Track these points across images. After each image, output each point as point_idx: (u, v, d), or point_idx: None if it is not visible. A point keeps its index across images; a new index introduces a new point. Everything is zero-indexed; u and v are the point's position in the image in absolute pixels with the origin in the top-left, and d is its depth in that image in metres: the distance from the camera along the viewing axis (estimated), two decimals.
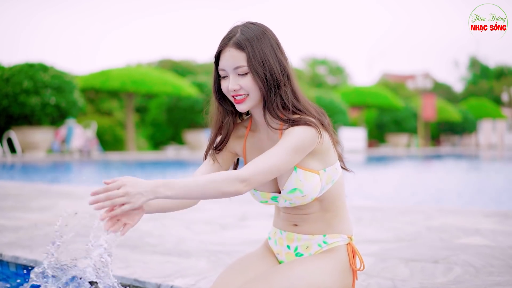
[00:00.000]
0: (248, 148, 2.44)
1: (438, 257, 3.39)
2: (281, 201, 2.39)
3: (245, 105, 2.25)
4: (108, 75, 25.79)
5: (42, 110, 21.37)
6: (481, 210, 5.56)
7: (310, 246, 2.44)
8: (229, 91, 2.25)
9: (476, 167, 20.15)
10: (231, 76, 2.23)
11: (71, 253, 2.25)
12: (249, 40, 2.22)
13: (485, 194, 9.52)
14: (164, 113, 30.19)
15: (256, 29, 2.26)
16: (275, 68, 2.22)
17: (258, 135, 2.41)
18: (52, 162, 19.63)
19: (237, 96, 2.25)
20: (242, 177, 2.09)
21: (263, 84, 2.21)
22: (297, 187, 2.31)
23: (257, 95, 2.24)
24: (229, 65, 2.23)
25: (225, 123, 2.41)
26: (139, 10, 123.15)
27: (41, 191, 7.89)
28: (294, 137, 2.19)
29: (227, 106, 2.38)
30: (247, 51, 2.20)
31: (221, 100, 2.37)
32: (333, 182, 2.37)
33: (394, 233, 4.23)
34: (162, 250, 3.67)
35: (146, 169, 17.73)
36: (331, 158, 2.35)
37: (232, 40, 2.23)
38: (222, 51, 2.25)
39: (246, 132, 2.44)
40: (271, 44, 2.26)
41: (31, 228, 4.56)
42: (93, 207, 1.98)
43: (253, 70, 2.20)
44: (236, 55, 2.21)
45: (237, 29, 2.26)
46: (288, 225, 2.48)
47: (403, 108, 39.35)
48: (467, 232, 4.25)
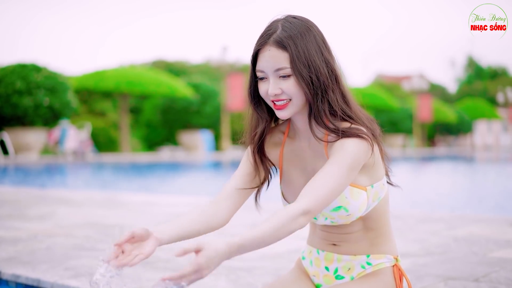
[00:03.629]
0: (286, 157, 2.14)
1: (478, 274, 3.12)
2: (321, 218, 2.11)
3: (287, 111, 1.96)
4: (102, 75, 25.51)
5: (35, 111, 21.03)
6: (505, 219, 5.31)
7: (352, 267, 2.16)
8: (268, 95, 1.95)
9: (475, 169, 19.97)
10: (271, 79, 1.94)
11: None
12: (292, 37, 1.92)
13: (488, 199, 9.28)
14: (159, 114, 29.92)
15: (300, 24, 1.95)
16: (322, 70, 1.93)
17: (297, 143, 2.11)
18: (45, 164, 19.31)
19: (277, 102, 1.95)
20: (304, 210, 1.82)
21: (309, 88, 1.91)
22: (342, 205, 2.03)
23: (301, 100, 1.95)
24: (269, 67, 1.93)
25: (258, 131, 2.11)
26: (133, 12, 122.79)
27: (38, 197, 7.59)
28: (349, 153, 1.90)
29: (262, 113, 2.08)
30: (290, 50, 1.90)
31: (256, 105, 2.07)
32: (379, 199, 2.09)
33: (421, 245, 3.97)
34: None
35: (141, 171, 17.44)
36: (379, 173, 2.07)
37: (272, 38, 1.93)
38: (261, 50, 1.95)
39: (284, 139, 2.14)
40: (317, 41, 1.96)
41: (31, 240, 4.26)
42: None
43: (297, 73, 1.90)
44: (277, 55, 1.92)
45: (278, 24, 1.96)
46: (326, 244, 2.19)
47: (399, 109, 39.24)
48: (499, 244, 3.99)
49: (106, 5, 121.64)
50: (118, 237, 4.38)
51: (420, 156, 31.02)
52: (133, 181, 13.52)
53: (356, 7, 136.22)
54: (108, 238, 4.36)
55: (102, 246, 3.99)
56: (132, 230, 1.77)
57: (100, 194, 8.13)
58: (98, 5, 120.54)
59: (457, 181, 13.86)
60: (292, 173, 2.13)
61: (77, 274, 3.14)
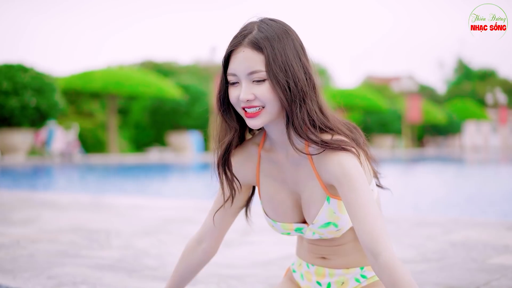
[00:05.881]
0: (263, 172, 1.97)
1: (478, 282, 3.00)
2: (308, 233, 1.97)
3: (259, 120, 1.78)
4: (90, 76, 25.35)
5: (22, 111, 20.82)
6: (501, 222, 5.20)
7: (346, 281, 2.02)
8: (239, 101, 1.78)
9: (466, 171, 19.95)
10: (243, 83, 1.76)
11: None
12: (269, 39, 1.75)
13: (481, 201, 9.19)
14: (147, 114, 29.76)
15: (277, 27, 1.79)
16: (299, 76, 1.76)
17: (274, 155, 1.94)
18: (32, 166, 19.09)
19: (249, 109, 1.77)
20: (393, 250, 1.78)
21: (284, 94, 1.74)
22: (331, 220, 1.89)
23: (275, 107, 1.77)
24: (242, 69, 1.76)
25: (225, 141, 1.92)
26: (121, 13, 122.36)
27: (22, 200, 7.41)
28: (354, 171, 1.77)
29: (231, 121, 1.89)
30: (266, 52, 1.73)
31: (224, 112, 1.88)
32: None
33: (417, 251, 3.84)
34: (163, 274, 3.23)
35: (129, 172, 17.27)
36: (367, 179, 1.94)
37: (247, 38, 1.76)
38: (234, 51, 1.79)
39: (259, 152, 1.96)
40: (295, 46, 1.79)
41: (13, 246, 4.10)
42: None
43: (273, 77, 1.73)
44: (252, 57, 1.75)
45: (254, 25, 1.79)
46: (315, 257, 2.04)
47: (388, 110, 39.26)
48: (497, 250, 3.87)
49: (93, 6, 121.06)
50: (104, 243, 4.23)
51: (409, 157, 31.00)
52: (121, 183, 13.35)
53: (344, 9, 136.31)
54: (93, 244, 4.20)
55: (87, 253, 3.84)
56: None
57: (87, 197, 7.97)
58: (85, 5, 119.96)
59: (448, 183, 13.78)
60: (271, 187, 1.97)
61: (60, 283, 2.99)
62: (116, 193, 9.82)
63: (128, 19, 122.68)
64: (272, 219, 2.00)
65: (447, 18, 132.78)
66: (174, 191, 11.54)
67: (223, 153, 1.92)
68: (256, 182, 2.01)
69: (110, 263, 3.53)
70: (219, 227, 2.07)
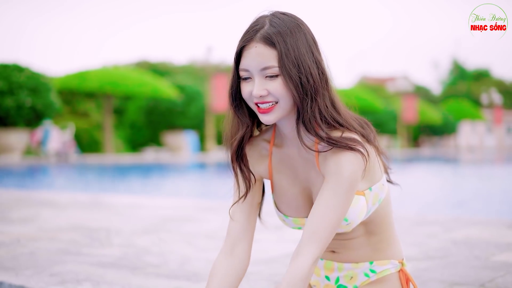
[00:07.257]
0: (275, 168, 1.96)
1: (483, 279, 2.99)
2: None
3: (272, 115, 1.78)
4: (86, 76, 25.24)
5: (17, 111, 20.72)
6: (502, 221, 5.20)
7: (355, 276, 2.02)
8: (252, 96, 1.77)
9: (461, 171, 19.98)
10: (256, 79, 1.75)
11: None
12: (282, 34, 1.74)
13: (478, 201, 9.21)
14: (143, 114, 29.70)
15: (289, 21, 1.77)
16: (312, 71, 1.75)
17: (285, 151, 1.94)
18: (28, 166, 19.03)
19: (262, 104, 1.77)
20: (314, 262, 1.76)
21: (297, 90, 1.73)
22: None
23: (288, 103, 1.77)
24: (254, 65, 1.75)
25: (237, 137, 1.91)
26: (117, 13, 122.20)
27: (20, 199, 7.38)
28: (345, 177, 1.75)
29: (243, 117, 1.89)
30: (279, 48, 1.72)
31: (237, 108, 1.88)
32: (380, 201, 1.94)
33: (420, 249, 3.83)
34: (166, 271, 3.22)
35: (125, 172, 17.23)
36: (377, 174, 1.91)
37: (260, 33, 1.75)
38: (246, 47, 1.77)
39: (270, 149, 1.96)
40: (308, 40, 1.78)
41: (14, 244, 4.07)
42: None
43: (286, 72, 1.72)
44: (264, 52, 1.73)
45: (265, 20, 1.78)
46: (325, 251, 2.05)
47: (383, 110, 39.29)
48: (500, 248, 3.87)
49: (89, 6, 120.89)
50: (104, 241, 4.21)
51: (405, 158, 31.02)
52: (118, 182, 13.32)
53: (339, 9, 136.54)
54: (94, 242, 4.19)
55: (88, 251, 3.82)
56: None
57: (85, 196, 7.94)
58: (81, 6, 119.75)
59: (444, 183, 13.80)
60: (284, 183, 1.98)
61: (63, 280, 2.97)
62: (113, 192, 9.78)
63: (124, 20, 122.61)
64: (284, 214, 2.00)
65: (442, 19, 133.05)
66: (170, 190, 11.51)
67: (236, 148, 1.91)
68: (269, 177, 2.00)
69: (112, 260, 3.51)
70: (247, 227, 1.99)
